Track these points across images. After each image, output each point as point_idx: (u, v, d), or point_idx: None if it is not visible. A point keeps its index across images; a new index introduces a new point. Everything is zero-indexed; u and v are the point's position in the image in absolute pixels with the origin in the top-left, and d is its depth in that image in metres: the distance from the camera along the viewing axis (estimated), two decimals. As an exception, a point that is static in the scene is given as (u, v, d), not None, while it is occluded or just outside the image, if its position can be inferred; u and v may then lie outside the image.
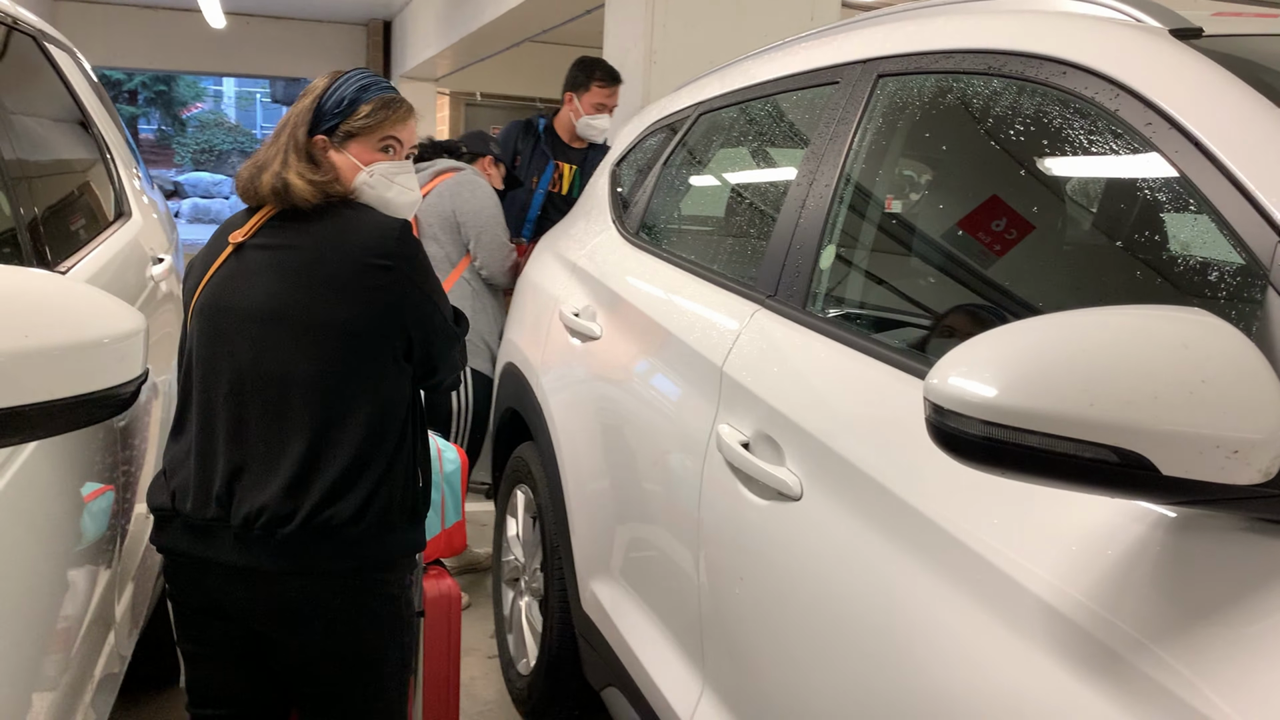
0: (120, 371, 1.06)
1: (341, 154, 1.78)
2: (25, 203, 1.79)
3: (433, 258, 3.44)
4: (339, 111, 1.78)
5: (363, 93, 1.79)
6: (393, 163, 1.80)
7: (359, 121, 1.78)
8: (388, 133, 1.80)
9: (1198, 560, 0.95)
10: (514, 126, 4.19)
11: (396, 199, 1.81)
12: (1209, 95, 1.13)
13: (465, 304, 3.45)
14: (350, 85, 1.80)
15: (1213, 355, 0.84)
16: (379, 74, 8.73)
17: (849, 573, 1.33)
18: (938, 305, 1.65)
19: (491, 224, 3.43)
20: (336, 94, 1.79)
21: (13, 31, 2.16)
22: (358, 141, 1.78)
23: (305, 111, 1.80)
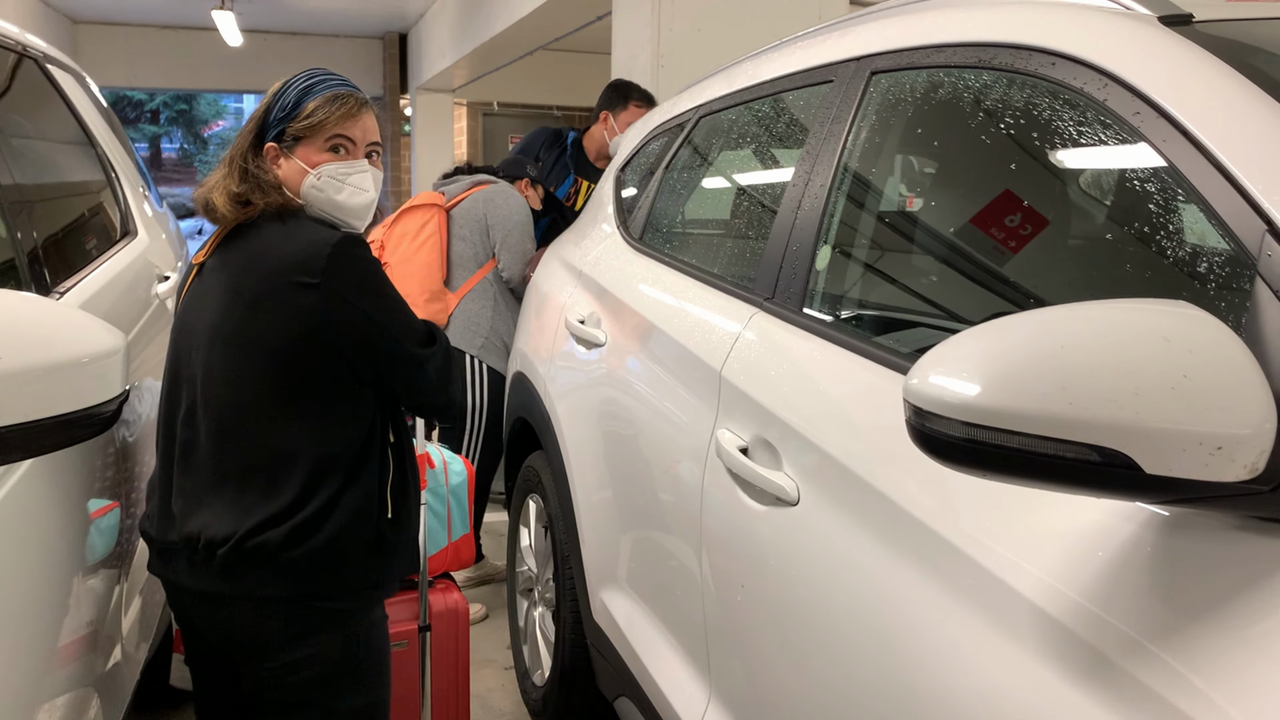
0: (100, 391, 1.06)
1: (290, 159, 1.68)
2: (24, 225, 1.80)
3: (460, 255, 3.49)
4: (284, 115, 1.68)
5: (307, 93, 1.69)
6: (342, 163, 1.68)
7: (302, 122, 1.67)
8: (334, 131, 1.67)
9: (1191, 560, 0.92)
10: (541, 133, 4.20)
11: (348, 201, 1.69)
12: (1196, 83, 1.10)
13: (486, 303, 3.49)
14: (295, 86, 1.71)
15: (1195, 349, 0.81)
16: (396, 82, 8.69)
17: (845, 578, 1.31)
18: (934, 305, 1.63)
19: (519, 230, 3.50)
20: (282, 98, 1.70)
21: (12, 55, 2.18)
22: (304, 144, 1.68)
23: (253, 121, 1.72)
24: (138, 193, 2.79)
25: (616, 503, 2.18)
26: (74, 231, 2.23)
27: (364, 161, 1.70)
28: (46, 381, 1.00)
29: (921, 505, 1.19)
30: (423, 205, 3.55)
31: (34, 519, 1.44)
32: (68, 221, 2.23)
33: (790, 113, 2.07)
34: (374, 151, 1.73)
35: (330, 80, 1.71)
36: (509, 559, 3.14)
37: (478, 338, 3.47)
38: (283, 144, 1.69)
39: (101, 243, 2.30)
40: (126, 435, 1.98)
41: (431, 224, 3.50)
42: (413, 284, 3.42)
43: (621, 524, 2.16)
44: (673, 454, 1.89)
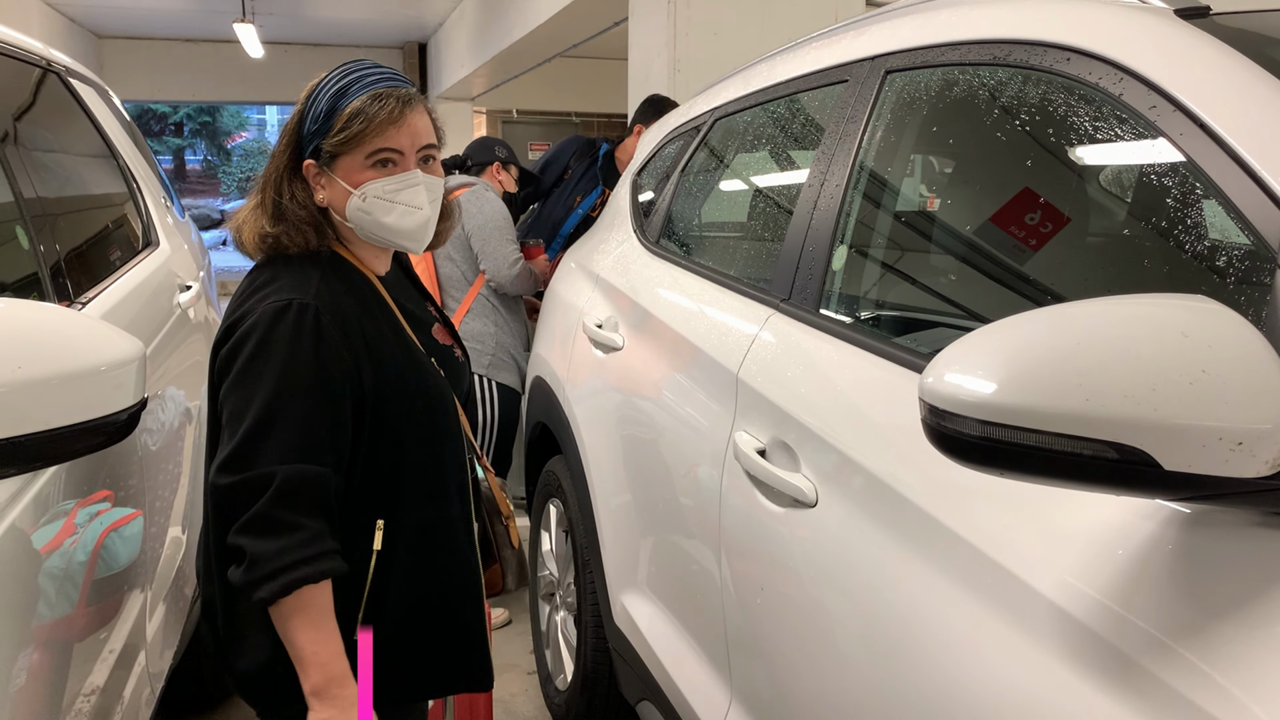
0: (117, 399, 1.07)
1: (331, 178, 1.46)
2: (46, 237, 1.82)
3: (449, 278, 3.45)
4: (318, 127, 1.44)
5: (341, 97, 1.43)
6: (389, 179, 1.44)
7: (337, 136, 1.42)
8: (375, 146, 1.43)
9: (1213, 558, 0.91)
10: (574, 141, 4.20)
11: (399, 224, 1.45)
12: (1214, 76, 1.09)
13: (487, 319, 3.46)
14: (327, 90, 1.45)
15: (1213, 343, 0.80)
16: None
17: (864, 579, 1.30)
18: (951, 303, 1.62)
19: (495, 234, 3.44)
20: (315, 105, 1.46)
21: (36, 70, 2.21)
22: (345, 159, 1.44)
23: (286, 135, 1.50)
24: (160, 204, 2.81)
25: (636, 506, 2.18)
26: (97, 242, 2.25)
27: (416, 173, 1.46)
28: (65, 390, 1.01)
29: (939, 505, 1.18)
30: None
31: (55, 526, 1.45)
32: (91, 233, 2.25)
33: (805, 113, 2.07)
34: (430, 155, 1.49)
35: (368, 76, 1.45)
36: (530, 564, 3.14)
37: (484, 356, 3.46)
38: (320, 160, 1.46)
39: (124, 253, 2.32)
40: (150, 443, 2.00)
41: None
42: None
43: (641, 528, 2.15)
44: (691, 457, 1.88)
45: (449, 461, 1.54)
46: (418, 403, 1.48)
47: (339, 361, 1.39)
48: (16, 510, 1.28)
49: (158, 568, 2.03)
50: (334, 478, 1.37)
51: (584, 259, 2.91)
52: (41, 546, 1.37)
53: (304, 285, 1.42)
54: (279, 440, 1.33)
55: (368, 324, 1.45)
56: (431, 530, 1.49)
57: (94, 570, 1.59)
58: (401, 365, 1.48)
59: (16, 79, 2.09)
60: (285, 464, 1.31)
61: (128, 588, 1.77)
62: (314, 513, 1.33)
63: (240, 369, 1.36)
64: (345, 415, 1.40)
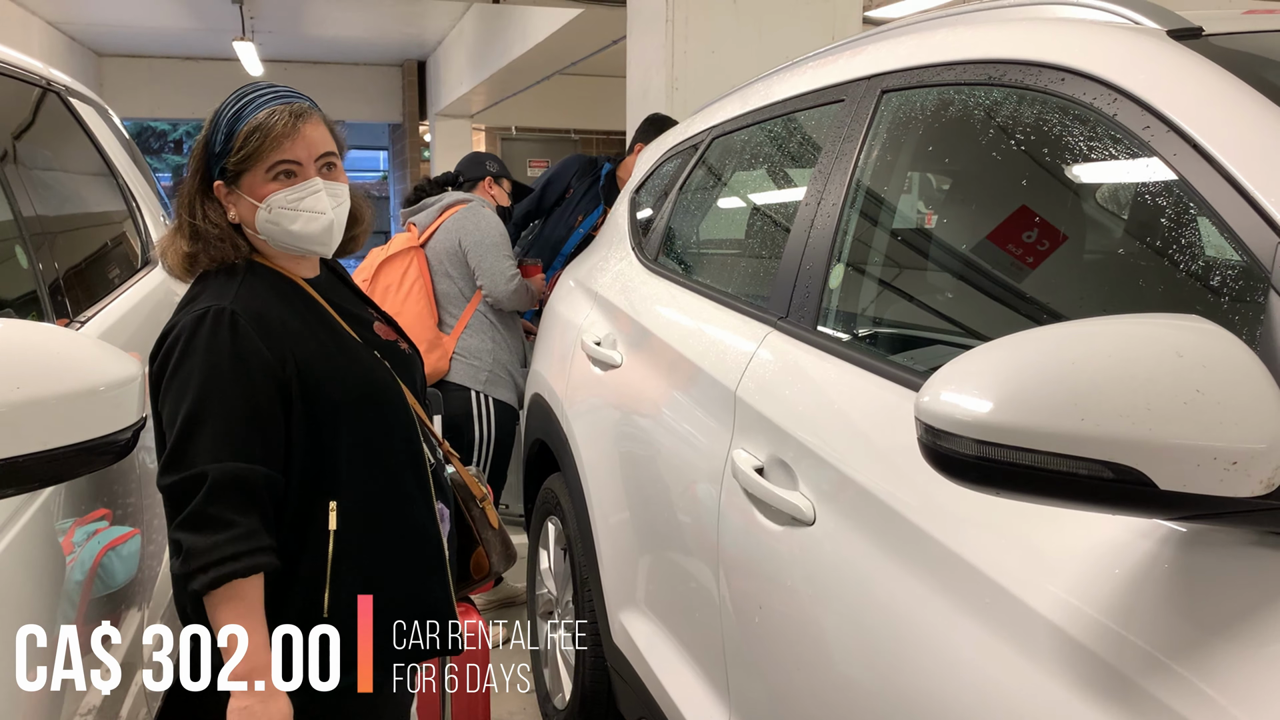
0: (116, 419, 1.07)
1: (239, 194, 1.53)
2: (45, 256, 1.82)
3: (445, 294, 3.44)
4: (222, 150, 1.52)
5: (238, 119, 1.51)
6: (290, 189, 1.51)
7: (237, 155, 1.50)
8: (274, 159, 1.50)
9: (1209, 576, 0.91)
10: (575, 160, 4.20)
11: (305, 229, 1.53)
12: (1207, 96, 1.10)
13: (484, 336, 3.46)
14: (226, 114, 1.53)
15: (1208, 363, 0.81)
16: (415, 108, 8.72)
17: (862, 597, 1.30)
18: (948, 321, 1.62)
19: (492, 251, 3.42)
20: (217, 128, 1.53)
21: (36, 89, 2.22)
22: (248, 176, 1.52)
23: (194, 159, 1.56)
24: (159, 222, 2.82)
25: (634, 524, 2.18)
26: (95, 261, 2.26)
27: (315, 180, 1.53)
28: (63, 410, 1.01)
29: (937, 523, 1.18)
30: (399, 253, 3.48)
31: (53, 546, 1.45)
32: (89, 251, 2.26)
33: (802, 132, 2.08)
34: (330, 162, 1.56)
35: (262, 95, 1.53)
36: (528, 582, 3.13)
37: (481, 373, 3.45)
38: (227, 180, 1.53)
39: (123, 271, 2.33)
40: (148, 461, 1.99)
41: (412, 269, 3.45)
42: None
43: (640, 545, 2.15)
44: (689, 475, 1.88)
45: (397, 444, 1.60)
46: (354, 390, 1.55)
47: (257, 356, 1.46)
48: (15, 529, 1.28)
49: (155, 586, 2.02)
50: (266, 473, 1.44)
51: (583, 276, 2.92)
52: (40, 565, 1.37)
53: (223, 293, 1.50)
54: (208, 439, 1.41)
55: (291, 321, 1.53)
56: (384, 508, 1.56)
57: (91, 589, 1.58)
58: (333, 356, 1.55)
59: (17, 98, 2.10)
60: (217, 463, 1.40)
61: (125, 606, 1.77)
62: (246, 509, 1.41)
63: (169, 376, 1.46)
64: (271, 407, 1.47)
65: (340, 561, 1.51)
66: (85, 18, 10.63)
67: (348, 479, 1.53)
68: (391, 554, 1.56)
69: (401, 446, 1.61)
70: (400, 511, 1.58)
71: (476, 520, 1.85)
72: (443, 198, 3.55)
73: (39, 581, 1.37)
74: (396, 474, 1.59)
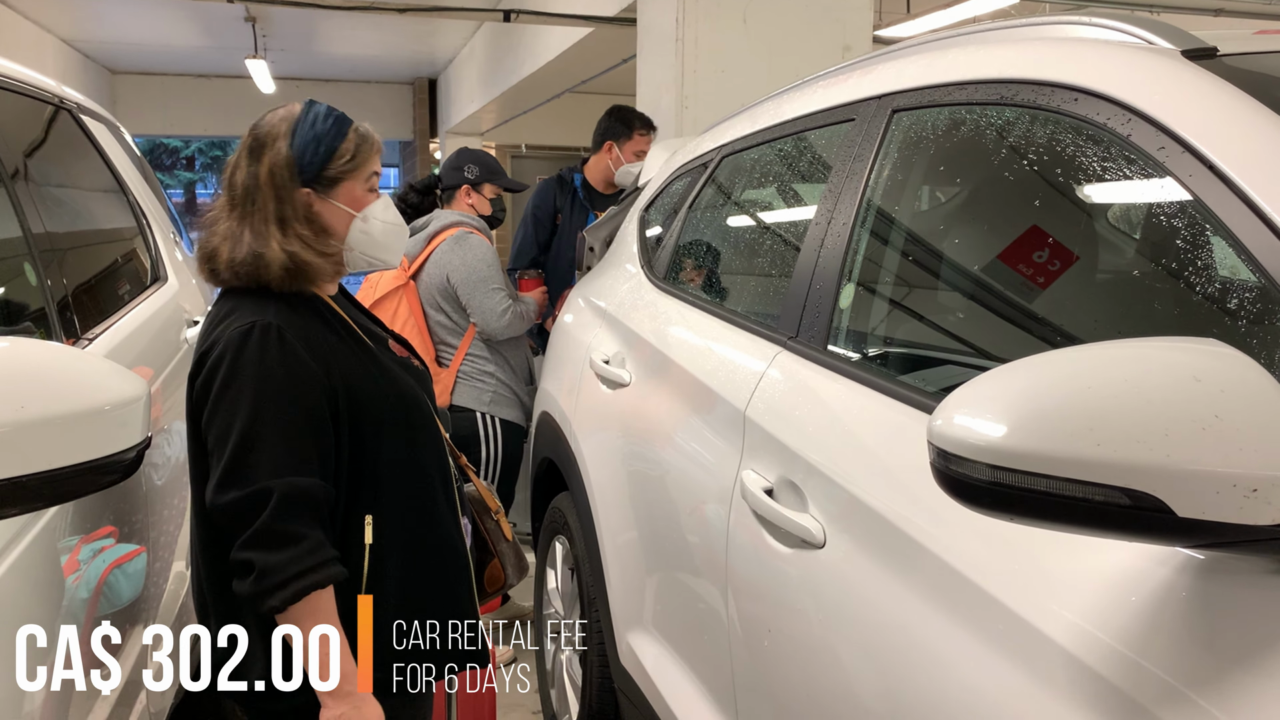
0: (122, 438, 1.06)
1: (328, 203, 1.58)
2: (54, 273, 1.82)
3: (439, 327, 3.39)
4: (317, 157, 1.56)
5: (340, 129, 1.59)
6: (382, 200, 1.63)
7: (344, 163, 1.57)
8: (371, 169, 1.61)
9: (1229, 606, 0.89)
10: (547, 185, 4.14)
11: (391, 240, 1.64)
12: (1222, 117, 1.09)
13: (487, 360, 3.43)
14: (323, 123, 1.58)
15: (1226, 388, 0.79)
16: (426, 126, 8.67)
17: (872, 622, 1.28)
18: (959, 342, 1.61)
19: (481, 286, 3.31)
20: (307, 137, 1.57)
21: (49, 107, 2.22)
22: (346, 184, 1.58)
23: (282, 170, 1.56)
24: (168, 239, 2.83)
25: (642, 544, 2.16)
26: (105, 278, 2.26)
27: (386, 194, 1.67)
28: (69, 429, 1.01)
29: (949, 548, 1.17)
30: (388, 294, 3.40)
31: (58, 564, 1.44)
32: (99, 268, 2.26)
33: (812, 152, 2.07)
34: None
35: (344, 116, 1.63)
36: (535, 601, 3.12)
37: (485, 394, 3.42)
38: (318, 188, 1.57)
39: (133, 288, 2.33)
40: (155, 479, 1.99)
41: (401, 309, 3.38)
42: None
43: (648, 566, 2.14)
44: (698, 495, 1.87)
45: (428, 456, 1.63)
46: (391, 402, 1.59)
47: (306, 369, 1.48)
48: (20, 548, 1.28)
49: (160, 604, 2.01)
50: (324, 486, 1.46)
51: (592, 294, 2.91)
52: (45, 584, 1.36)
53: (262, 309, 1.51)
54: (268, 455, 1.42)
55: (329, 337, 1.56)
56: (419, 520, 1.59)
57: (96, 607, 1.57)
58: (372, 372, 1.58)
59: (30, 116, 2.11)
60: (279, 478, 1.41)
61: (130, 625, 1.76)
62: (313, 523, 1.43)
63: (217, 393, 1.45)
64: (324, 420, 1.49)
65: (375, 574, 1.53)
66: (99, 36, 10.71)
67: (385, 493, 1.55)
68: (424, 567, 1.59)
69: (433, 462, 1.64)
70: (432, 526, 1.62)
71: (491, 533, 1.89)
72: (430, 221, 3.43)
73: (44, 600, 1.36)
74: (429, 489, 1.62)
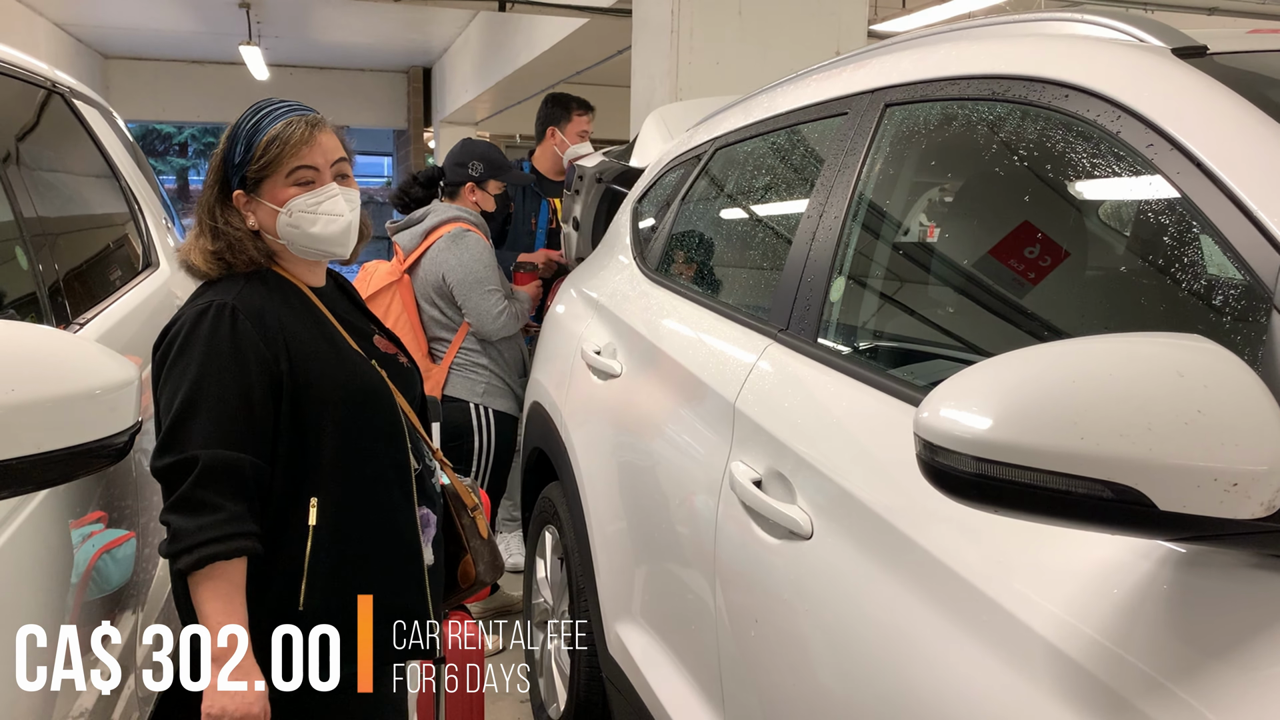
0: (112, 422, 1.07)
1: (259, 202, 1.63)
2: (46, 258, 1.82)
3: (432, 321, 3.41)
4: (242, 160, 1.62)
5: (256, 131, 1.62)
6: (308, 194, 1.61)
7: (259, 162, 1.60)
8: (294, 165, 1.61)
9: (1209, 598, 0.90)
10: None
11: (324, 232, 1.63)
12: (1210, 115, 1.10)
13: (479, 354, 3.44)
14: (245, 126, 1.63)
15: (1209, 383, 0.80)
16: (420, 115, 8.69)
17: (858, 613, 1.29)
18: (948, 336, 1.62)
19: (476, 288, 3.33)
20: (235, 141, 1.63)
21: (41, 91, 2.22)
22: (268, 183, 1.62)
23: (212, 171, 1.67)
24: (161, 224, 2.82)
25: (631, 535, 2.17)
26: (96, 263, 2.25)
27: (333, 185, 1.64)
28: (58, 413, 1.01)
29: (934, 539, 1.18)
30: (381, 290, 3.41)
31: (47, 549, 1.45)
32: (91, 253, 2.25)
33: (805, 145, 2.08)
34: (343, 171, 1.67)
35: (277, 109, 1.64)
36: (524, 591, 3.12)
37: (478, 385, 3.43)
38: (247, 188, 1.63)
39: (124, 274, 2.33)
40: (145, 464, 1.99)
41: (394, 305, 3.40)
42: None
43: (636, 556, 2.14)
44: (687, 486, 1.88)
45: (384, 448, 1.65)
46: (343, 391, 1.61)
47: (254, 349, 1.54)
48: (9, 531, 1.28)
49: (150, 590, 2.02)
50: (253, 463, 1.51)
51: (584, 285, 2.91)
52: (35, 568, 1.36)
53: (227, 291, 1.60)
54: (201, 425, 1.48)
55: (290, 322, 1.61)
56: (363, 509, 1.61)
57: (85, 592, 1.58)
58: (326, 357, 1.62)
59: (21, 100, 2.10)
60: (207, 449, 1.47)
61: (119, 610, 1.76)
62: (233, 495, 1.47)
63: (169, 366, 1.54)
64: (264, 399, 1.54)
65: (317, 557, 1.56)
66: (92, 20, 10.66)
67: (330, 477, 1.58)
68: (367, 554, 1.61)
69: (385, 450, 1.66)
70: (380, 514, 1.64)
71: (466, 529, 1.89)
72: (428, 214, 3.44)
73: (35, 582, 1.36)
74: (379, 477, 1.64)
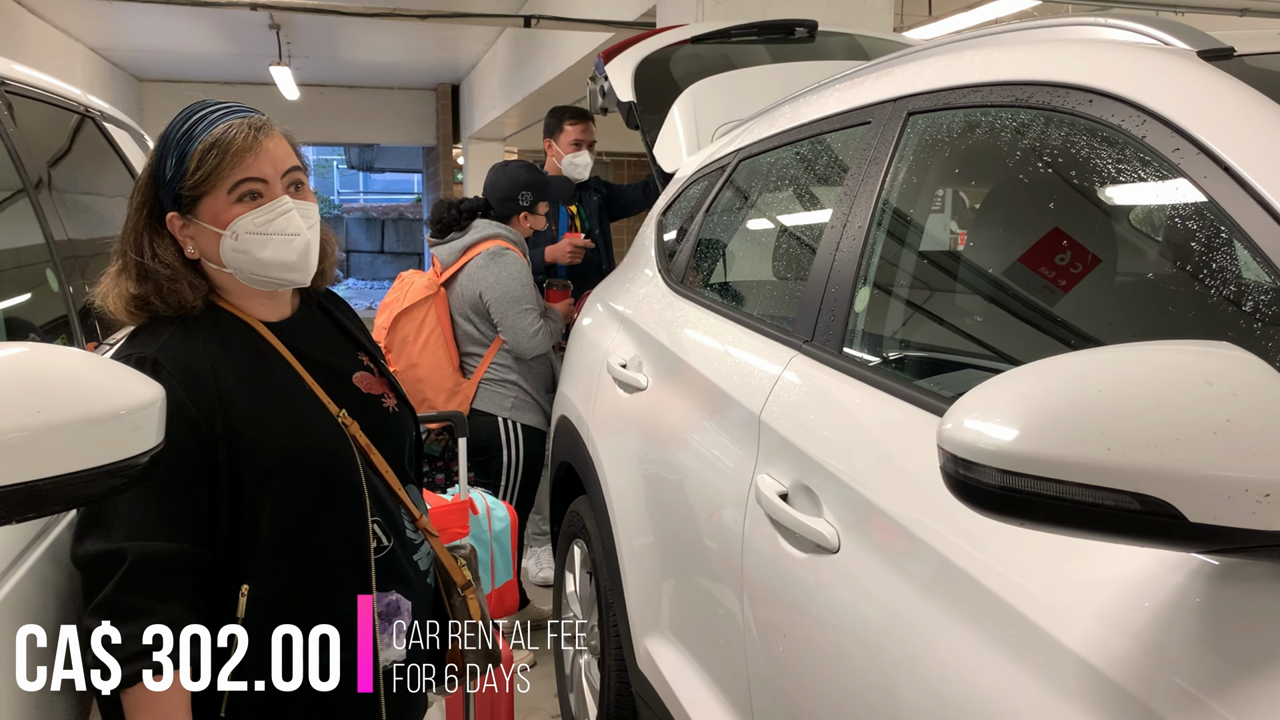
0: (136, 442, 1.07)
1: (198, 225, 1.35)
2: (76, 279, 1.84)
3: (466, 336, 3.43)
4: (174, 175, 1.34)
5: (190, 139, 1.33)
6: (258, 210, 1.34)
7: (194, 177, 1.32)
8: (237, 177, 1.33)
9: (1243, 611, 0.88)
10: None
11: (277, 255, 1.35)
12: (1237, 118, 1.08)
13: (509, 369, 3.46)
14: (175, 135, 1.35)
15: (1238, 391, 0.78)
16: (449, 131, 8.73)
17: (886, 628, 1.27)
18: (975, 344, 1.60)
19: (513, 306, 3.36)
20: (166, 152, 1.36)
21: (72, 115, 2.25)
22: (208, 201, 1.34)
23: (138, 192, 1.39)
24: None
25: (659, 549, 2.16)
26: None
27: (285, 199, 1.36)
28: (84, 433, 1.01)
29: (962, 552, 1.16)
30: (416, 304, 3.43)
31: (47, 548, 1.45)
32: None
33: (828, 155, 2.06)
34: (296, 181, 1.39)
35: (213, 111, 1.36)
36: (554, 605, 3.12)
37: (506, 399, 3.45)
38: (182, 209, 1.35)
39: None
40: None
41: (429, 319, 3.42)
42: (426, 388, 3.40)
43: (664, 570, 2.13)
44: (714, 499, 1.86)
45: (328, 522, 1.38)
46: (291, 458, 1.36)
47: (182, 414, 1.26)
48: (37, 553, 1.29)
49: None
50: (190, 552, 1.27)
51: (609, 298, 2.91)
52: (61, 590, 1.37)
53: (152, 340, 1.34)
54: (127, 508, 1.24)
55: (229, 374, 1.35)
56: (304, 600, 1.35)
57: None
58: (269, 415, 1.36)
59: (54, 125, 2.14)
60: (132, 540, 1.23)
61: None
62: (168, 595, 1.24)
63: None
64: (197, 472, 1.30)
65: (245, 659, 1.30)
66: (126, 44, 10.84)
67: (265, 560, 1.34)
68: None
69: (333, 523, 1.39)
70: (325, 607, 1.35)
71: (456, 610, 1.61)
72: (469, 231, 3.46)
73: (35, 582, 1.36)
74: (326, 559, 1.38)
